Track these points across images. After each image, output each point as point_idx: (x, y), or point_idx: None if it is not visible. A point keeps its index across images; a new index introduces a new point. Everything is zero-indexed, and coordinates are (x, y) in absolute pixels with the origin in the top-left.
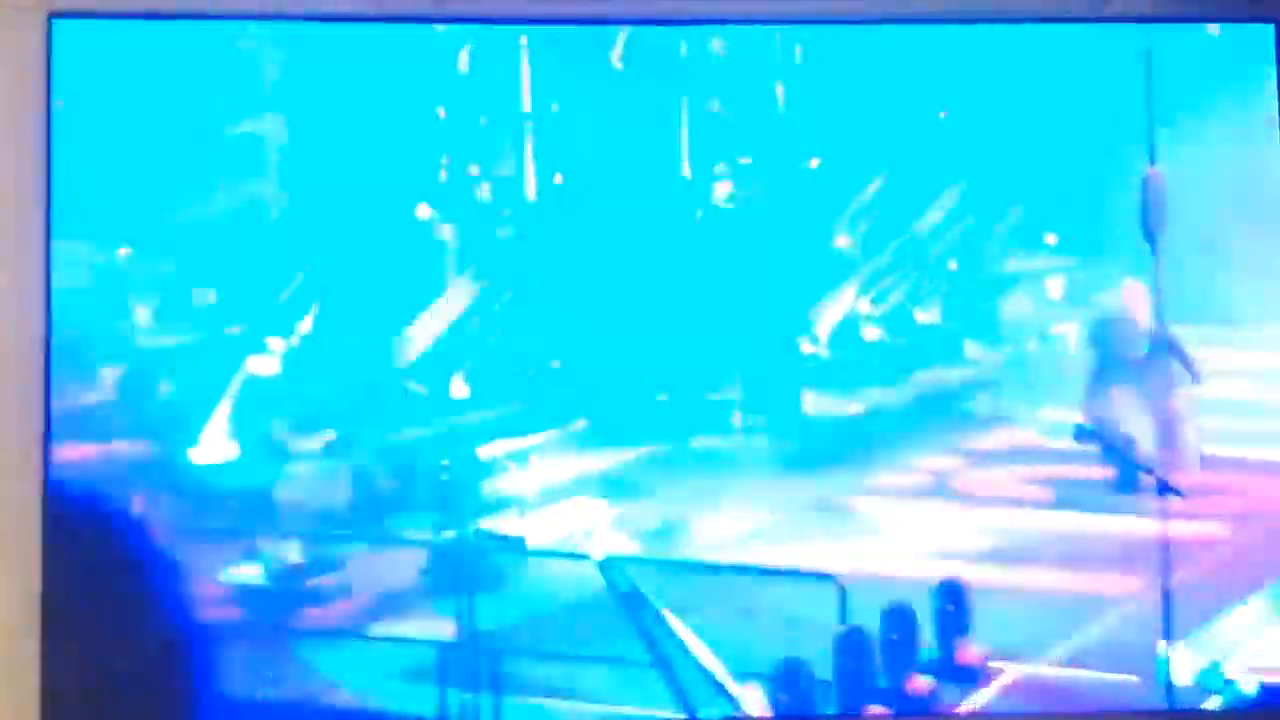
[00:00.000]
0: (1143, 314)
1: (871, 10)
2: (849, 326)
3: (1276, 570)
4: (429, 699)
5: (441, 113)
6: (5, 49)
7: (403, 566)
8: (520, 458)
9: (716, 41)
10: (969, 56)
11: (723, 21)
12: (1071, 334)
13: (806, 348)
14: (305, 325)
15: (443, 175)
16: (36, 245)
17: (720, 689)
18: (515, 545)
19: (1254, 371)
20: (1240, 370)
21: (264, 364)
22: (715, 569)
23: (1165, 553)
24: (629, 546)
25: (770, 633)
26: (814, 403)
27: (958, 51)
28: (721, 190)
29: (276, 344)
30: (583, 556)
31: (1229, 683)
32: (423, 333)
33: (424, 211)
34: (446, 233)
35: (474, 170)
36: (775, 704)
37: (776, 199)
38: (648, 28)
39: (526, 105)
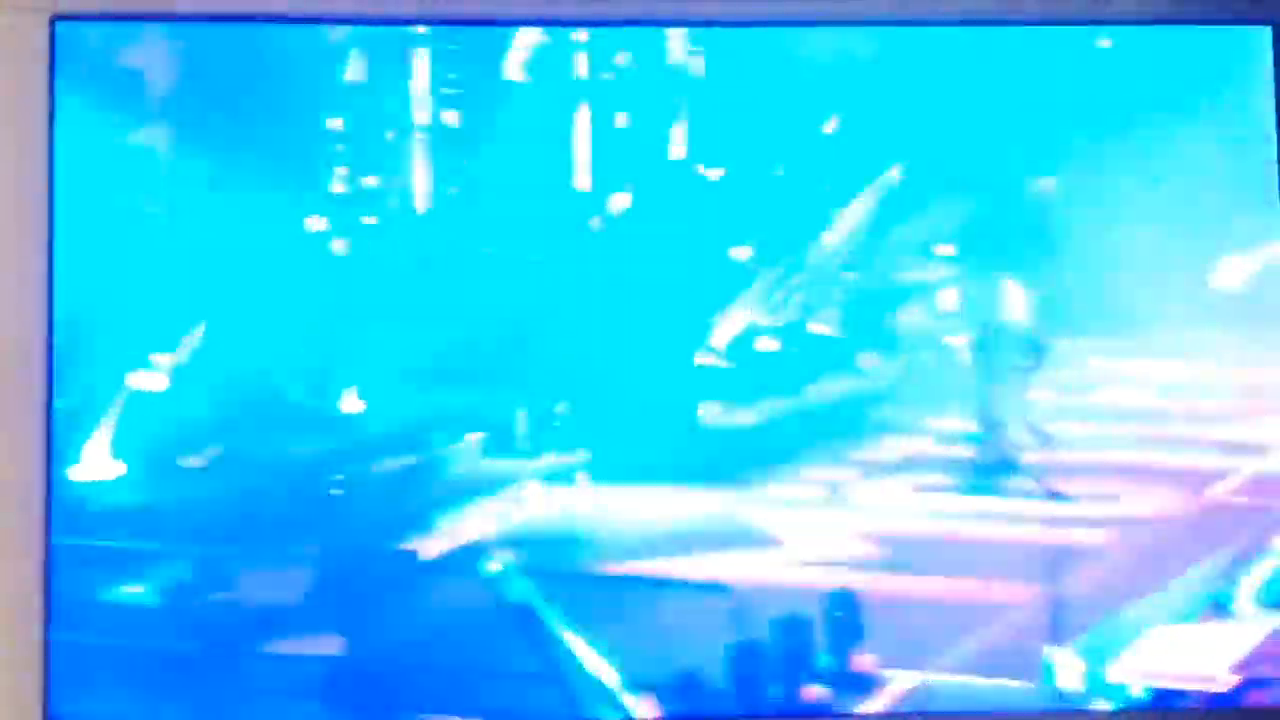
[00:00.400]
0: (1020, 315)
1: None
2: (745, 338)
3: (1163, 575)
4: (319, 718)
5: (333, 124)
6: (7, 51)
7: (292, 583)
8: (414, 472)
9: (620, 55)
10: (870, 65)
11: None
12: (963, 344)
13: (703, 359)
14: (192, 340)
15: (335, 187)
16: (38, 246)
17: (613, 700)
18: (408, 560)
19: (1142, 378)
20: (1128, 377)
21: (149, 380)
22: (609, 580)
23: (1053, 559)
24: (522, 559)
25: (664, 643)
26: (710, 414)
27: (859, 59)
28: (618, 202)
29: (162, 360)
30: (476, 570)
31: (1117, 686)
32: (314, 347)
33: (315, 224)
34: (338, 246)
35: (366, 182)
36: (669, 714)
37: (674, 210)
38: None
39: (419, 116)
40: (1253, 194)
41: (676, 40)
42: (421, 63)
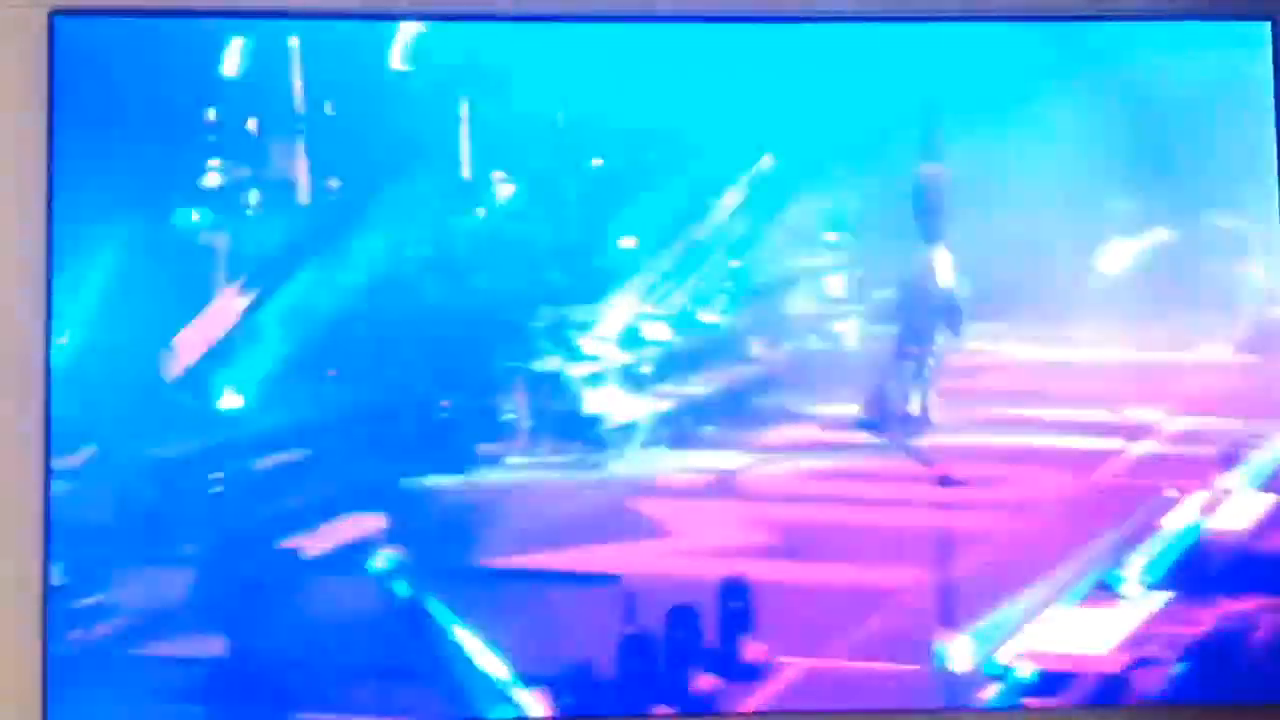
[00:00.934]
0: (944, 279)
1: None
2: (633, 326)
3: (1054, 559)
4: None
5: (210, 115)
6: (6, 46)
7: (171, 584)
8: (295, 470)
9: (497, 41)
10: (759, 56)
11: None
12: (852, 330)
13: (590, 348)
14: (63, 338)
15: (211, 179)
16: (39, 242)
17: (503, 695)
18: (291, 559)
19: (1033, 364)
20: (1018, 362)
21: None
22: (497, 575)
23: (943, 543)
24: (409, 555)
25: (555, 637)
26: (597, 403)
27: (747, 51)
28: (503, 192)
29: None
30: (362, 567)
31: (1006, 670)
32: (191, 343)
33: (192, 217)
34: (215, 239)
35: (243, 174)
36: (560, 707)
37: (559, 200)
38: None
39: (299, 106)
40: (1137, 178)
41: (559, 32)
42: (301, 53)
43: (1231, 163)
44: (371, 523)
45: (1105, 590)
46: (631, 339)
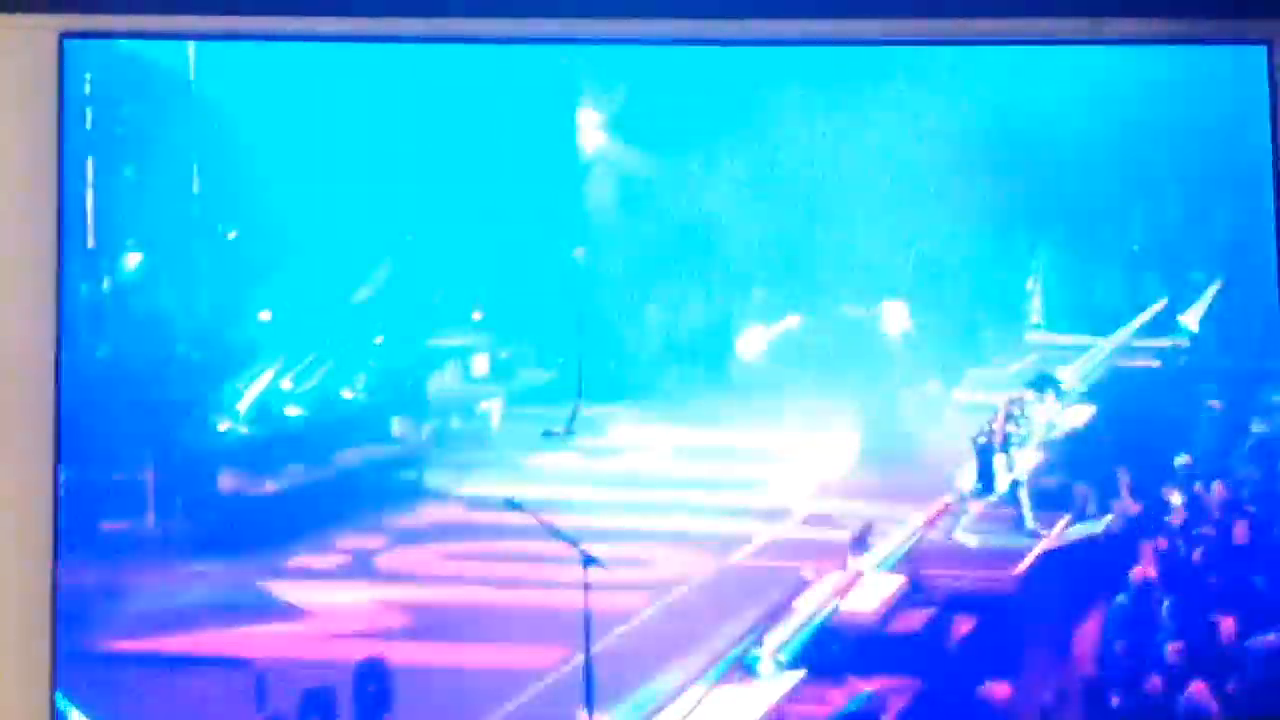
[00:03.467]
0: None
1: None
2: (269, 403)
3: (693, 640)
4: None
5: None
6: (18, 67)
7: None
8: None
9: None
10: (405, 130)
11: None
12: (496, 409)
13: (224, 425)
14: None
15: None
16: (48, 254)
17: None
18: None
19: (670, 446)
20: (655, 444)
21: None
22: (122, 658)
23: (587, 623)
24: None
25: None
26: (230, 482)
27: (388, 126)
28: (131, 260)
29: None
30: None
31: None
32: None
33: None
34: None
35: None
36: None
37: (194, 270)
38: None
39: None
40: (774, 266)
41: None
42: None
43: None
44: None
45: (742, 670)
46: (267, 415)
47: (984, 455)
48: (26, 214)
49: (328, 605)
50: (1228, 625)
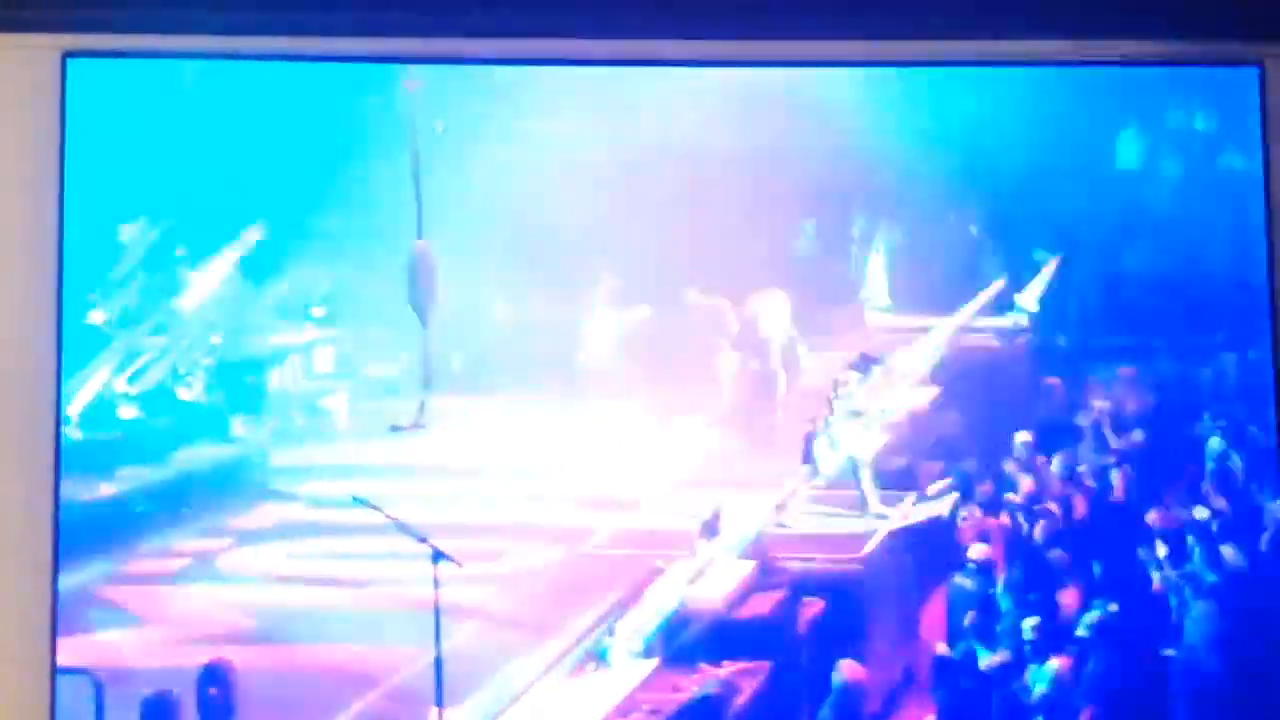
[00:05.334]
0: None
1: None
2: (104, 405)
3: (544, 629)
4: None
5: None
6: (22, 85)
7: None
8: None
9: None
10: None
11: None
12: (340, 405)
13: (67, 430)
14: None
15: None
16: (50, 267)
17: None
18: None
19: (512, 437)
20: (496, 435)
21: None
22: None
23: (437, 619)
24: None
25: None
26: (66, 488)
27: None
28: None
29: None
30: None
31: None
32: None
33: None
34: None
35: None
36: None
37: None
38: None
39: None
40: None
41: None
42: None
43: None
44: None
45: (594, 660)
46: (102, 417)
47: (807, 439)
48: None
49: (168, 610)
50: (1069, 599)
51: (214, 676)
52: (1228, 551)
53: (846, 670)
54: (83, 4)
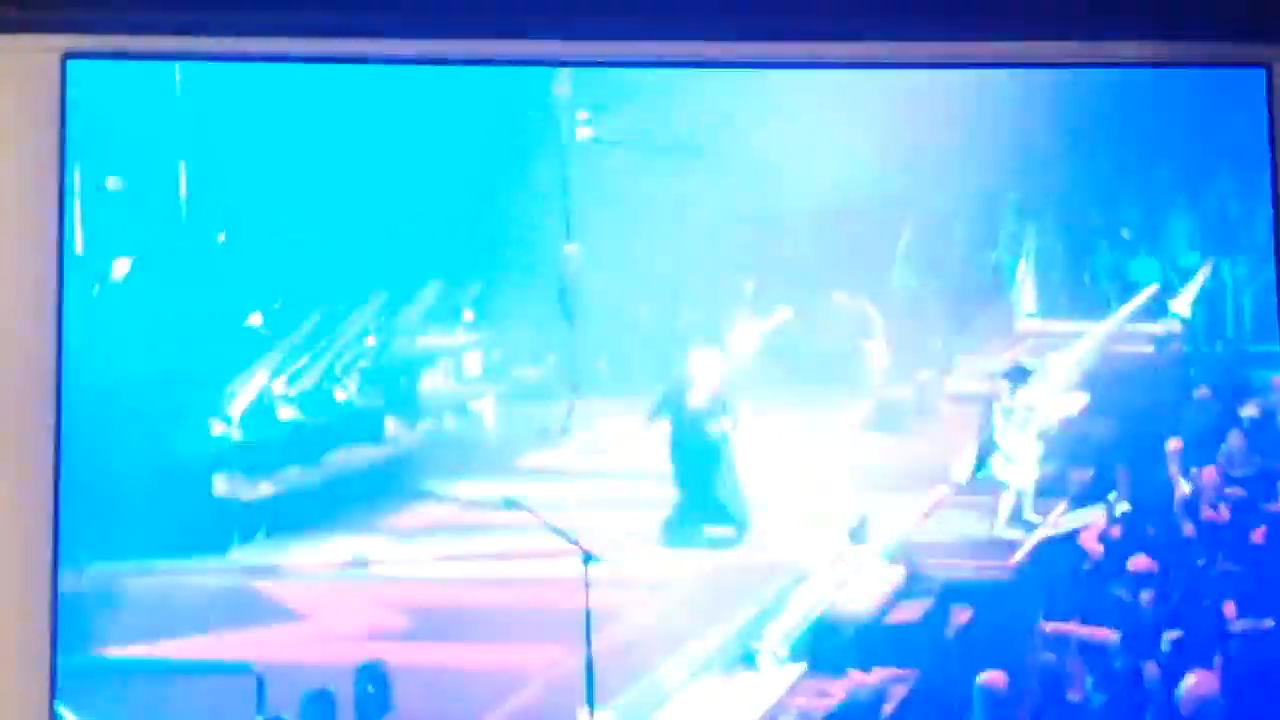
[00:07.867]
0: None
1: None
2: (262, 407)
3: (692, 632)
4: None
5: None
6: (23, 87)
7: None
8: None
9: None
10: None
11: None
12: (489, 409)
13: (218, 429)
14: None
15: None
16: (50, 264)
17: None
18: None
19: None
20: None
21: None
22: (118, 666)
23: (588, 621)
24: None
25: None
26: (225, 485)
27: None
28: (120, 267)
29: None
30: None
31: None
32: None
33: None
34: None
35: None
36: None
37: (185, 275)
38: None
39: None
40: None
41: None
42: None
43: None
44: None
45: (742, 664)
46: (261, 418)
47: (982, 448)
48: (29, 227)
49: (325, 607)
50: (1226, 610)
51: (371, 674)
52: None
53: (991, 680)
54: (83, 5)
